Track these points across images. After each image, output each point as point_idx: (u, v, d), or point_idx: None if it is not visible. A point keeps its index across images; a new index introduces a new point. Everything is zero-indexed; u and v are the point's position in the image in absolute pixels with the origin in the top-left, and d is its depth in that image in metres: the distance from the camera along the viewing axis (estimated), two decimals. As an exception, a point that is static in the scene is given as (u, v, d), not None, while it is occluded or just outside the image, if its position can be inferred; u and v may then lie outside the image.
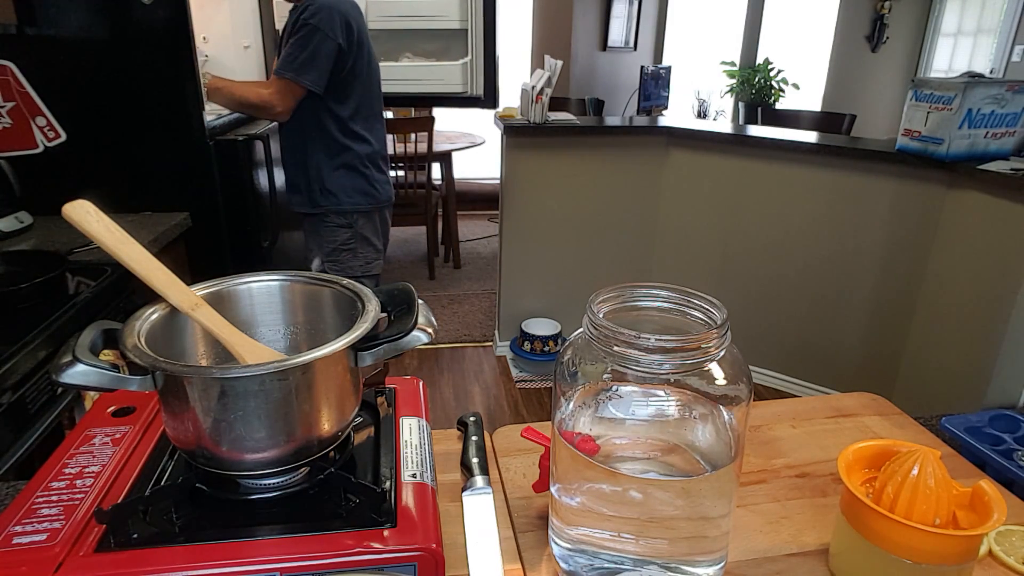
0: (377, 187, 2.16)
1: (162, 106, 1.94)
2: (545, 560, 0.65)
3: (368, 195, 2.14)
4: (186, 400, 0.55)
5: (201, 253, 2.07)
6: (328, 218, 2.12)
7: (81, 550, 0.53)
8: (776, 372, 2.89)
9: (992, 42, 5.28)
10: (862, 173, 2.47)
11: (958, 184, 2.22)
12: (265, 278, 0.70)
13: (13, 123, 1.85)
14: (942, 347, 2.32)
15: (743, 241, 2.81)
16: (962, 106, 2.09)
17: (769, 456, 0.82)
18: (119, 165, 1.97)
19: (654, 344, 0.52)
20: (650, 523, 0.57)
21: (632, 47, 5.57)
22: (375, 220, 2.20)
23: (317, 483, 0.60)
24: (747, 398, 0.56)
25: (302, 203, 2.13)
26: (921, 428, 0.89)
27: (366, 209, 2.15)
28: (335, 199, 2.10)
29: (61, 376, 0.53)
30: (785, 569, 0.65)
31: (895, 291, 2.48)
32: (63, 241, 1.69)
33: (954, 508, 0.59)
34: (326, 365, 0.58)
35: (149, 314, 0.61)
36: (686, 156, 2.85)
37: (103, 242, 0.58)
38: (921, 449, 0.59)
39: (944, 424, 0.85)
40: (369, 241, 2.19)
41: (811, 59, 5.59)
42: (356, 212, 2.13)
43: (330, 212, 2.11)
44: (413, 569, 0.54)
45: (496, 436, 0.84)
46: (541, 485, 0.71)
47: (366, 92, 2.08)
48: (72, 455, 0.64)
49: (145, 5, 1.83)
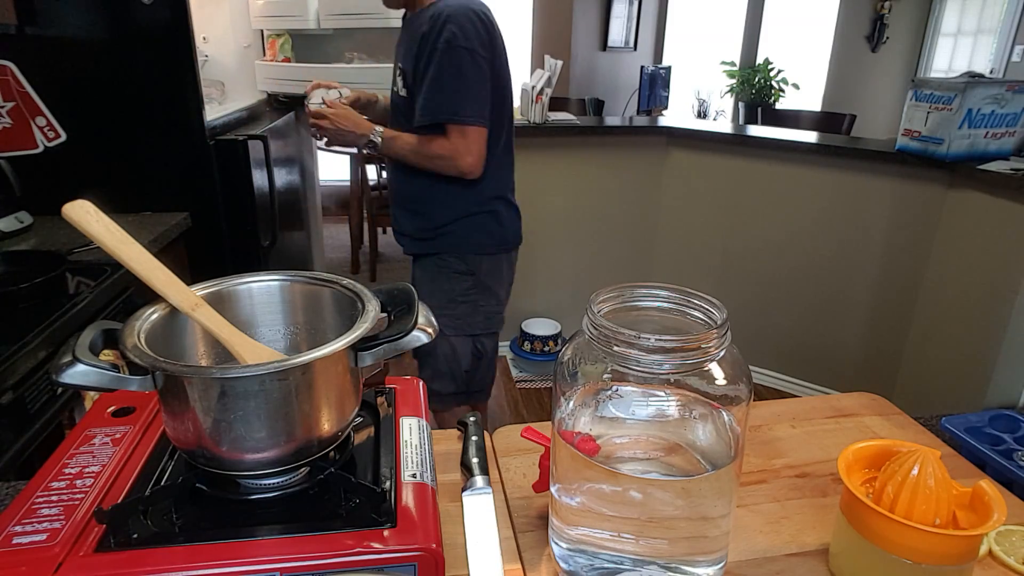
0: (506, 225, 1.75)
1: (162, 106, 1.94)
2: (545, 560, 0.65)
3: (494, 236, 1.74)
4: (186, 400, 0.55)
5: (201, 253, 2.07)
6: (446, 262, 1.73)
7: (81, 550, 0.53)
8: (776, 372, 2.89)
9: (992, 42, 5.28)
10: (862, 173, 2.47)
11: (958, 184, 2.22)
12: (265, 278, 0.70)
13: (13, 123, 1.86)
14: (942, 347, 2.32)
15: (743, 241, 2.81)
16: (962, 106, 2.09)
17: (769, 456, 0.82)
18: (119, 165, 1.97)
19: (654, 344, 0.52)
20: (650, 523, 0.57)
21: (632, 47, 5.57)
22: (502, 266, 1.78)
23: (317, 483, 0.60)
24: (747, 398, 0.56)
25: (413, 243, 1.76)
26: (921, 428, 0.89)
27: (492, 252, 1.75)
28: (456, 240, 1.71)
29: (61, 376, 0.53)
30: (785, 569, 0.65)
31: (895, 291, 2.48)
32: (63, 241, 1.69)
33: (954, 508, 0.59)
34: (326, 365, 0.58)
35: (149, 314, 0.61)
36: (686, 156, 2.85)
37: (103, 242, 0.58)
38: (921, 449, 0.59)
39: (944, 424, 0.85)
40: (492, 291, 1.78)
41: (811, 59, 5.59)
42: (481, 256, 1.73)
43: (449, 255, 1.72)
44: (413, 569, 0.54)
45: (496, 436, 0.84)
46: (541, 485, 0.71)
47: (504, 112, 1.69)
48: (72, 455, 0.64)
49: (145, 5, 1.83)
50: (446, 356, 1.78)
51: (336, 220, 4.67)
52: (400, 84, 1.63)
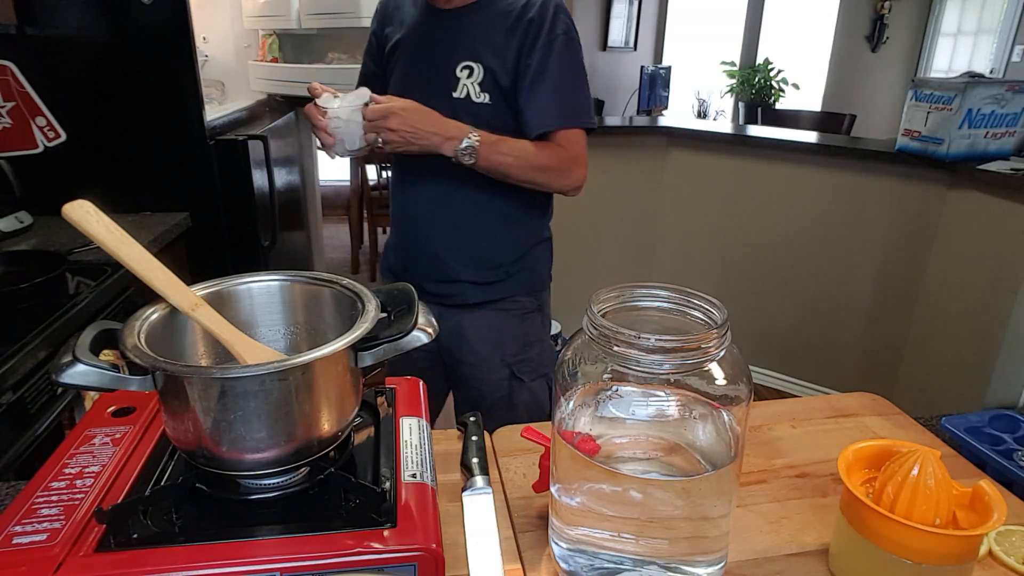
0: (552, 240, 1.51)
1: (162, 106, 1.94)
2: (545, 560, 0.65)
3: (551, 260, 1.51)
4: (186, 400, 0.55)
5: (201, 253, 2.07)
6: (518, 303, 1.41)
7: (81, 550, 0.53)
8: (776, 372, 2.88)
9: (992, 42, 5.28)
10: (862, 173, 2.47)
11: (958, 184, 2.22)
12: (265, 278, 0.70)
13: (13, 123, 1.86)
14: (942, 347, 2.32)
15: (743, 241, 2.80)
16: (962, 106, 2.09)
17: (769, 456, 0.82)
18: (119, 165, 1.97)
19: (654, 344, 0.52)
20: (650, 523, 0.57)
21: (632, 47, 5.56)
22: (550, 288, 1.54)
23: (317, 483, 0.60)
24: (747, 398, 0.56)
25: (478, 290, 1.37)
26: (921, 428, 0.89)
27: (551, 278, 1.53)
28: (531, 275, 1.43)
29: (61, 376, 0.53)
30: (785, 569, 0.65)
31: (895, 291, 2.48)
32: (63, 241, 1.69)
33: (954, 508, 0.59)
34: (326, 365, 0.58)
35: (149, 314, 0.61)
36: (686, 156, 2.85)
37: (103, 242, 0.58)
38: (921, 449, 0.59)
39: (944, 424, 0.85)
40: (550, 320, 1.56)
41: (811, 59, 5.59)
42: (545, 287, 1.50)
43: (521, 295, 1.42)
44: (413, 569, 0.54)
45: (496, 436, 0.84)
46: (541, 485, 0.72)
47: None
48: (72, 455, 0.64)
49: (145, 5, 1.83)
50: (526, 405, 1.45)
51: (336, 220, 4.67)
52: (474, 87, 1.26)
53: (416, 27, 1.33)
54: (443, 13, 1.30)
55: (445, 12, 1.30)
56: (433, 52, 1.30)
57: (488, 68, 1.26)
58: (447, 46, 1.29)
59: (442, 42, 1.29)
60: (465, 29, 1.29)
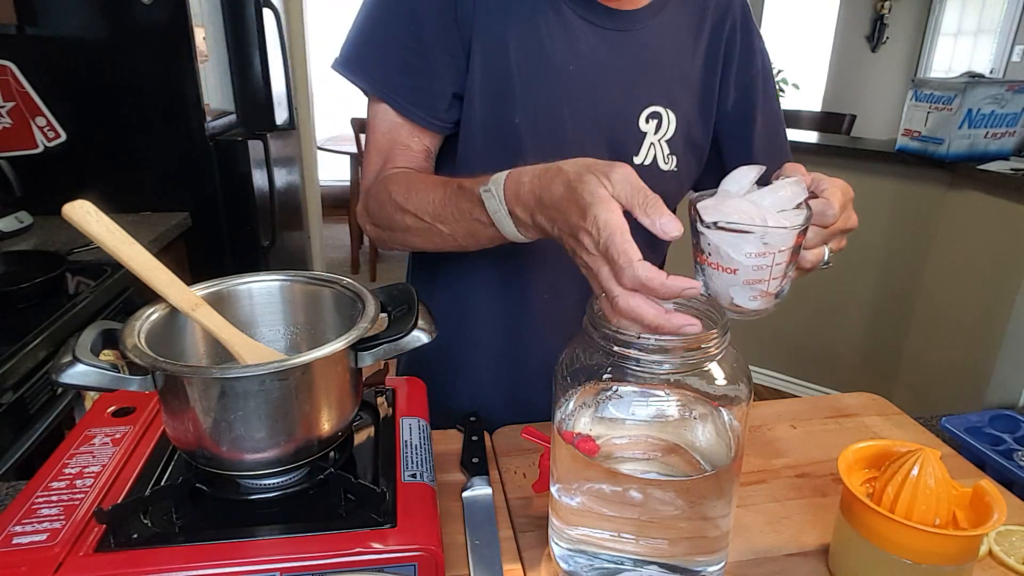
0: None
1: (162, 106, 1.94)
2: (545, 560, 0.65)
3: None
4: (186, 400, 0.55)
5: (201, 253, 2.07)
6: None
7: (81, 550, 0.53)
8: (776, 372, 2.88)
9: (992, 42, 5.28)
10: (862, 173, 2.46)
11: (958, 184, 2.22)
12: (265, 278, 0.70)
13: (13, 123, 1.86)
14: (942, 347, 2.32)
15: (743, 241, 2.80)
16: (962, 106, 2.09)
17: (769, 456, 0.82)
18: (119, 165, 1.98)
19: (654, 344, 0.52)
20: (650, 523, 0.57)
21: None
22: None
23: (317, 483, 0.60)
24: (747, 398, 0.56)
25: None
26: (921, 428, 0.89)
27: None
28: None
29: (61, 376, 0.53)
30: (785, 569, 0.65)
31: (895, 291, 2.48)
32: (63, 241, 1.69)
33: (954, 508, 0.59)
34: (326, 365, 0.58)
35: (149, 314, 0.61)
36: (686, 156, 2.85)
37: (103, 242, 0.58)
38: (921, 449, 0.59)
39: (944, 424, 0.85)
40: None
41: (811, 59, 5.59)
42: None
43: None
44: (413, 569, 0.54)
45: (496, 436, 0.84)
46: (541, 485, 0.71)
47: None
48: (72, 455, 0.64)
49: (145, 5, 1.83)
50: None
51: (336, 220, 4.67)
52: (662, 149, 0.85)
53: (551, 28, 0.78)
54: (617, 16, 0.80)
55: (621, 15, 0.80)
56: (598, 82, 0.81)
57: (683, 119, 0.85)
58: (627, 77, 0.82)
59: (614, 68, 0.81)
60: (650, 47, 0.82)
